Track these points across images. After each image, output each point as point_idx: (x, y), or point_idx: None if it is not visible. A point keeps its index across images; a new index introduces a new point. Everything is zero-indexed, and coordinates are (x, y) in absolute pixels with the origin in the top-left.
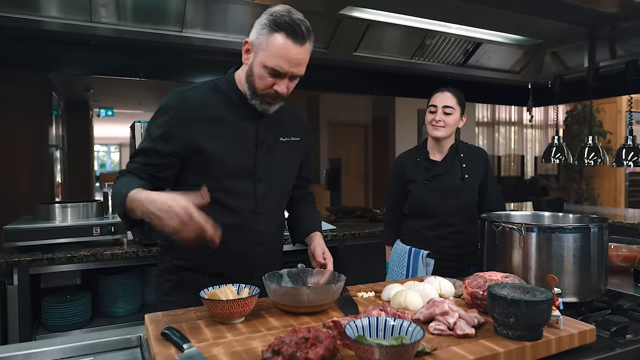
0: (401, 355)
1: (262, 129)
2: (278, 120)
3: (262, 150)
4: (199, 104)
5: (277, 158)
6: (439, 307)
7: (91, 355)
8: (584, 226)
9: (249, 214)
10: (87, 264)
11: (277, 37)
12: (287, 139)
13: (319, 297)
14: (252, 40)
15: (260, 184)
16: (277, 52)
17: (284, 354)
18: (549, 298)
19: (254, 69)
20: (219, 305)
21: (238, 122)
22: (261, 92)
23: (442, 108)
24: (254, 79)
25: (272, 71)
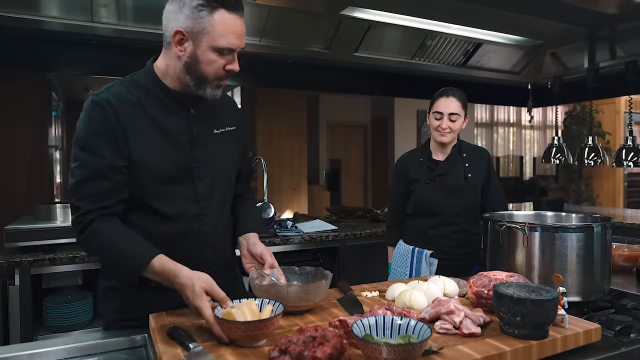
0: (409, 353)
1: (194, 123)
2: (210, 111)
3: (197, 146)
4: (125, 106)
5: (214, 152)
6: (444, 306)
7: (95, 355)
8: (587, 226)
9: (192, 218)
10: (88, 264)
11: (220, 14)
12: (221, 129)
13: (300, 295)
14: (188, 28)
15: (200, 184)
16: (225, 30)
17: (291, 353)
18: (555, 297)
19: (201, 56)
20: (239, 328)
21: (167, 120)
22: (212, 77)
23: (448, 115)
24: (201, 67)
25: (225, 51)
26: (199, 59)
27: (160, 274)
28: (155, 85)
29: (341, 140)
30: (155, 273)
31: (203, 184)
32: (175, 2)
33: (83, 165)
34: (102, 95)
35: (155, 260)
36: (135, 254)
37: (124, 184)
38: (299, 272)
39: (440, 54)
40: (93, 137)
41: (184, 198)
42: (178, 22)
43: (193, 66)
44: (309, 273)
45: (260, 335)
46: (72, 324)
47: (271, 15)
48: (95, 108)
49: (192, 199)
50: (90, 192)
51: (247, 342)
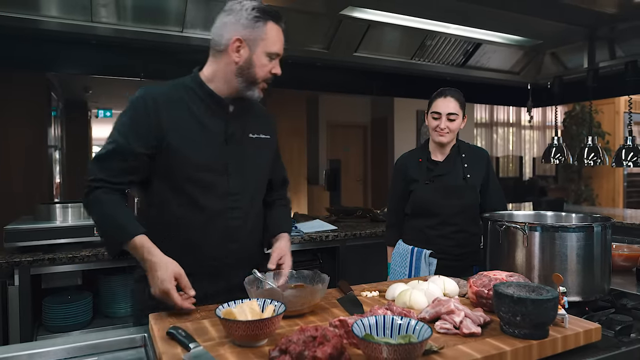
0: (409, 353)
1: (230, 124)
2: (247, 117)
3: (232, 144)
4: (168, 102)
5: (247, 153)
6: (444, 306)
7: (95, 355)
8: (587, 225)
9: (222, 210)
10: (88, 264)
11: (270, 25)
12: (256, 135)
13: (296, 299)
14: (245, 36)
15: (232, 179)
16: (275, 38)
17: (291, 352)
18: (555, 296)
19: (255, 60)
20: (240, 327)
21: (207, 119)
22: (262, 79)
23: (446, 115)
24: (254, 70)
25: (274, 56)
26: (254, 63)
27: (139, 249)
28: (199, 87)
29: (341, 140)
30: (134, 248)
31: (235, 179)
32: (232, 14)
33: (111, 142)
34: (147, 91)
35: (138, 237)
36: (124, 226)
37: (137, 169)
38: (296, 276)
39: (440, 54)
40: (127, 123)
41: (216, 191)
42: (236, 32)
43: (246, 70)
44: (307, 277)
45: (261, 334)
46: (71, 324)
47: None
48: (137, 100)
49: (224, 192)
50: (107, 166)
51: (248, 341)
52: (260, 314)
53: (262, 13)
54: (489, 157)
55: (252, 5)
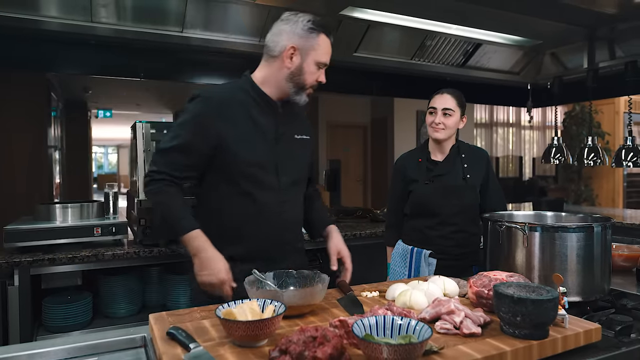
0: (409, 353)
1: (280, 125)
2: (292, 119)
3: (281, 143)
4: (226, 102)
5: (294, 152)
6: (444, 306)
7: (95, 356)
8: (587, 226)
9: (276, 204)
10: (87, 265)
11: (322, 37)
12: (300, 136)
13: (295, 299)
14: (299, 45)
15: (283, 174)
16: (326, 49)
17: (291, 353)
18: (555, 297)
19: (306, 67)
20: (240, 327)
21: (260, 117)
22: (309, 85)
23: (442, 110)
24: (304, 77)
25: (322, 65)
26: (304, 70)
27: (192, 243)
28: (252, 89)
29: (341, 141)
30: (187, 241)
31: (285, 175)
32: (289, 24)
33: (175, 137)
34: (206, 91)
35: (192, 232)
36: (180, 221)
37: (198, 165)
38: (296, 276)
39: (440, 54)
40: (190, 121)
41: (268, 186)
42: (291, 40)
43: (297, 76)
44: (307, 277)
45: (261, 335)
46: (71, 324)
47: (271, 15)
48: (196, 99)
49: (276, 187)
50: (170, 160)
51: (248, 341)
52: (260, 314)
53: (316, 25)
54: (488, 158)
55: (309, 17)
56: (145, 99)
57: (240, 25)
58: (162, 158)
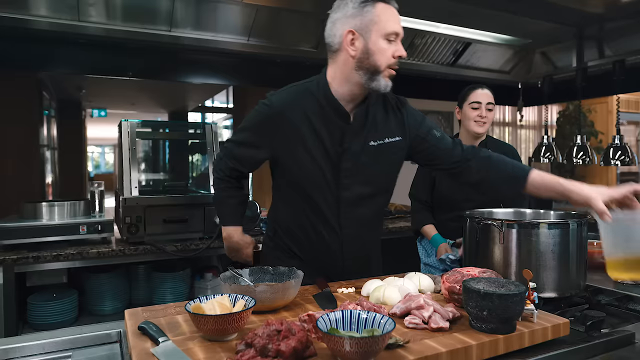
0: (371, 346)
1: (348, 135)
2: (368, 124)
3: (345, 157)
4: (288, 110)
5: (365, 164)
6: (414, 302)
7: (70, 350)
8: (563, 222)
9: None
10: (73, 263)
11: (379, 6)
12: (379, 142)
13: (268, 295)
14: (357, 27)
15: (344, 191)
16: (389, 18)
17: (255, 346)
18: (521, 292)
19: (372, 47)
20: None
21: (324, 128)
22: (385, 66)
23: (486, 104)
24: (375, 58)
25: (392, 36)
26: (371, 50)
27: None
28: (322, 93)
29: None
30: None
31: (350, 191)
32: (339, 10)
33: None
34: (271, 98)
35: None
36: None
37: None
38: (272, 272)
39: (429, 53)
40: (249, 126)
41: (329, 200)
42: (347, 24)
43: (366, 60)
44: (283, 273)
45: (229, 329)
46: (56, 322)
47: (259, 14)
48: (261, 106)
49: (335, 202)
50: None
51: (217, 336)
52: (230, 309)
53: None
54: (516, 153)
55: None
56: (140, 98)
57: (228, 24)
58: (223, 158)
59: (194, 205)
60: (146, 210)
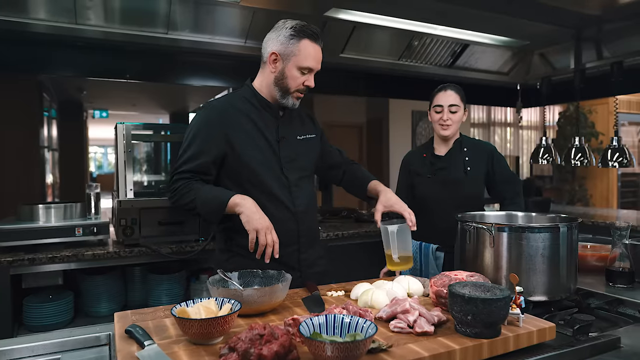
0: (352, 351)
1: (281, 127)
2: (293, 122)
3: (283, 145)
4: (227, 109)
5: (298, 152)
6: (400, 306)
7: (60, 353)
8: (553, 226)
9: (288, 200)
10: (68, 264)
11: (304, 42)
12: (303, 136)
13: (255, 298)
14: (279, 51)
15: (290, 174)
16: (308, 54)
17: (238, 350)
18: (505, 296)
19: (287, 72)
20: (193, 325)
21: (262, 121)
22: (293, 90)
23: (448, 107)
24: (287, 81)
25: (306, 70)
26: (286, 74)
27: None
28: (252, 96)
29: (336, 141)
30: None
31: (292, 174)
32: (275, 31)
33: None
34: (211, 102)
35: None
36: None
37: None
38: (262, 276)
39: (428, 55)
40: (195, 132)
41: (279, 184)
42: (275, 46)
43: (280, 80)
44: (272, 276)
45: (214, 333)
46: (52, 324)
47: (256, 16)
48: (201, 111)
49: (286, 185)
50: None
51: (202, 339)
52: (215, 313)
53: (297, 32)
54: (494, 151)
55: (293, 24)
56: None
57: (225, 26)
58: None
59: None
60: (141, 213)
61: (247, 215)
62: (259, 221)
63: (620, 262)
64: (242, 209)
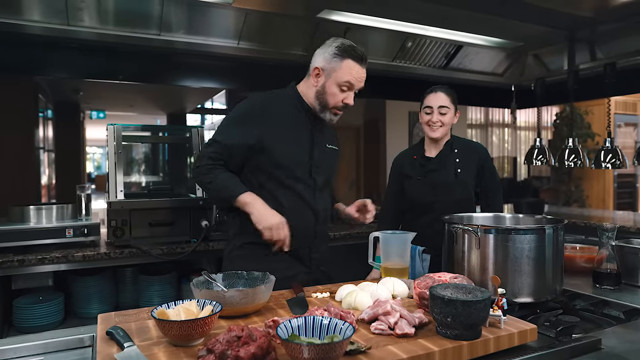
0: (329, 352)
1: (315, 134)
2: (324, 130)
3: (315, 150)
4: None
5: (325, 158)
6: (382, 307)
7: (42, 355)
8: (539, 227)
9: (310, 198)
10: (58, 266)
11: (346, 62)
12: (331, 146)
13: (237, 300)
14: (323, 67)
15: (317, 177)
16: (349, 72)
17: (215, 352)
18: (485, 298)
19: (327, 88)
20: (173, 327)
21: (299, 123)
22: (332, 106)
23: (438, 109)
24: (326, 97)
25: (345, 87)
26: (326, 90)
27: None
28: (297, 99)
29: None
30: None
31: (319, 177)
32: (324, 47)
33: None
34: (253, 96)
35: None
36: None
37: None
38: (246, 277)
39: (422, 56)
40: (231, 120)
41: (307, 184)
42: (320, 62)
43: (321, 95)
44: (257, 278)
45: (194, 334)
46: (42, 325)
47: (248, 18)
48: (244, 102)
49: (312, 187)
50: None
51: (182, 341)
52: (195, 315)
53: (341, 51)
54: (484, 153)
55: (340, 43)
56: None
57: (219, 28)
58: (207, 150)
59: (180, 208)
60: (131, 214)
61: (257, 215)
62: (270, 219)
63: (607, 264)
64: (252, 209)
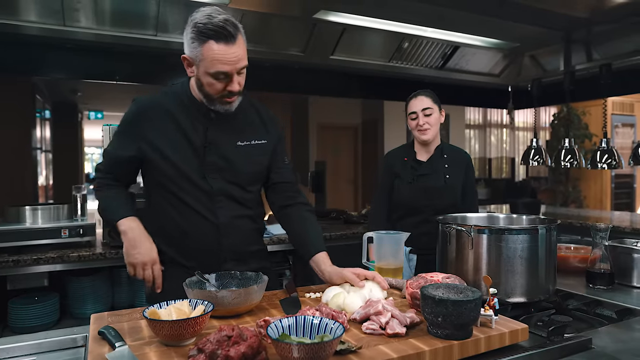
0: (319, 352)
1: (212, 131)
2: (235, 125)
3: (211, 151)
4: (153, 108)
5: (231, 159)
6: (373, 307)
7: (35, 355)
8: (532, 228)
9: (207, 209)
10: (53, 266)
11: (208, 46)
12: (246, 142)
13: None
14: (189, 55)
15: (214, 183)
16: (215, 58)
17: (205, 351)
18: (475, 298)
19: (202, 79)
20: (164, 326)
21: (189, 125)
22: (216, 95)
23: (422, 111)
24: (205, 88)
25: (219, 76)
26: (202, 81)
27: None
28: (184, 94)
29: (331, 142)
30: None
31: (217, 183)
32: (186, 28)
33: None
34: (139, 99)
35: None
36: (118, 208)
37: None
38: (240, 277)
39: (418, 57)
40: (119, 130)
41: (200, 191)
42: (185, 49)
43: (200, 87)
44: (250, 278)
45: (186, 334)
46: (37, 325)
47: (245, 18)
48: (129, 108)
49: (207, 191)
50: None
51: (173, 341)
52: (187, 314)
53: (198, 34)
54: (469, 161)
55: (196, 20)
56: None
57: None
58: (102, 163)
59: None
60: None
61: (125, 248)
62: (136, 256)
63: (600, 264)
64: (124, 239)
